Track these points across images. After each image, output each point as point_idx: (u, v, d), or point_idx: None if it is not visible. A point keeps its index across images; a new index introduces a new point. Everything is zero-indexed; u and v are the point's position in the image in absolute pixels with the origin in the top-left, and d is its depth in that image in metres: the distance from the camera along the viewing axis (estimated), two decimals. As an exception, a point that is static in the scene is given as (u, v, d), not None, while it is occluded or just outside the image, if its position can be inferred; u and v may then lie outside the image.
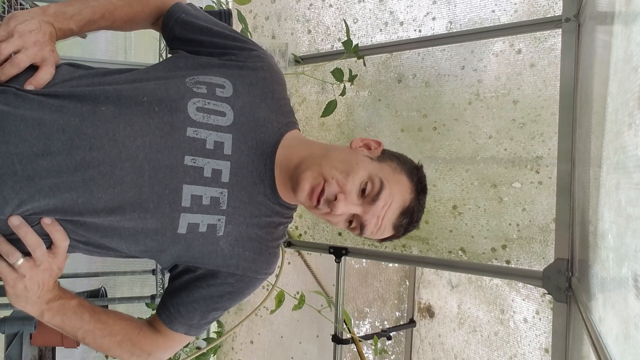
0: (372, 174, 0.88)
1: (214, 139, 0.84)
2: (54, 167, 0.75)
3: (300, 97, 2.16)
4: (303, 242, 2.14)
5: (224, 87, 0.89)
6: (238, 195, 0.87)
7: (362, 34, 1.94)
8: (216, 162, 0.84)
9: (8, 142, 0.74)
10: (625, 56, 0.82)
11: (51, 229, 0.79)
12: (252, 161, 0.89)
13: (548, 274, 1.32)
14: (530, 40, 1.52)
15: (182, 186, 0.82)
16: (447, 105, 1.69)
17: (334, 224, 0.91)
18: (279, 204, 0.93)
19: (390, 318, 2.31)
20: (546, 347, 1.58)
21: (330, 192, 0.85)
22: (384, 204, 0.87)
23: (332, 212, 0.85)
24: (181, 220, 0.82)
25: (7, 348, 1.78)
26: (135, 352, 0.91)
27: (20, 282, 0.79)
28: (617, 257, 0.83)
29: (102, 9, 0.90)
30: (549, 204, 1.47)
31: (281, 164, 0.91)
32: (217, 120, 0.86)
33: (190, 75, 0.87)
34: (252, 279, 0.92)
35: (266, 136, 0.91)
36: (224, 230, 0.86)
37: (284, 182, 0.91)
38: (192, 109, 0.84)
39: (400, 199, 0.89)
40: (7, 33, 0.79)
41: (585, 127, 1.19)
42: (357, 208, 0.87)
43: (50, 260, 0.81)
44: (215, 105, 0.86)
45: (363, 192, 0.87)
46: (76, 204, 0.77)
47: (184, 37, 0.96)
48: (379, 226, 0.89)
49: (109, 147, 0.77)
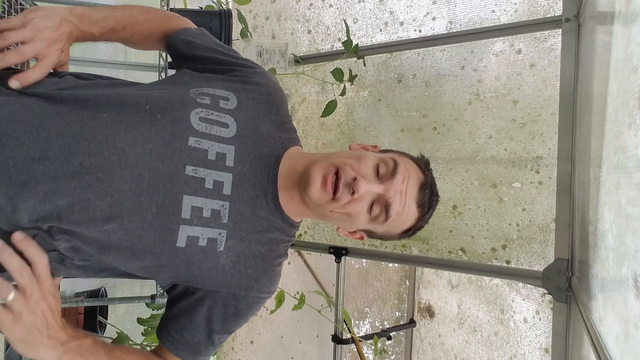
0: (382, 157, 0.88)
1: (216, 150, 0.83)
2: (50, 172, 0.73)
3: (300, 97, 2.16)
4: (303, 242, 2.13)
5: (228, 99, 0.88)
6: (240, 209, 0.84)
7: (362, 34, 1.94)
8: (218, 174, 0.82)
9: (5, 145, 0.72)
10: (625, 56, 0.82)
11: (24, 244, 0.72)
12: (255, 174, 0.87)
13: (548, 274, 1.32)
14: (530, 40, 1.52)
15: (183, 197, 0.79)
16: (447, 105, 1.69)
17: (355, 217, 0.86)
18: (281, 219, 0.90)
19: (390, 318, 2.31)
20: (546, 347, 1.58)
21: (347, 176, 0.83)
22: (402, 178, 0.85)
23: (354, 194, 0.81)
24: (180, 232, 0.79)
25: (7, 348, 1.77)
26: None
27: (19, 323, 0.70)
28: (617, 257, 0.83)
29: (125, 20, 0.91)
30: (549, 204, 1.47)
31: (285, 175, 0.89)
32: (219, 131, 0.84)
33: (195, 87, 0.87)
34: (254, 300, 0.88)
35: (268, 150, 0.89)
36: (224, 245, 0.83)
37: (290, 194, 0.89)
38: (194, 118, 0.82)
39: (415, 174, 0.88)
40: (21, 23, 0.78)
41: (585, 127, 1.19)
42: (378, 187, 0.84)
43: (37, 287, 0.72)
44: (218, 117, 0.85)
45: (378, 175, 0.86)
46: (72, 210, 0.74)
47: (190, 55, 0.96)
48: (404, 203, 0.86)
49: (108, 154, 0.75)
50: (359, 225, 0.90)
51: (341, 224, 0.92)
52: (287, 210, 0.90)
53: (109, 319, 2.35)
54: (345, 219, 0.88)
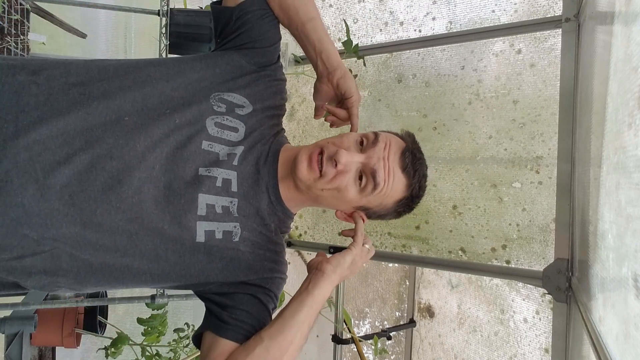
0: (363, 133, 0.93)
1: (226, 152, 0.88)
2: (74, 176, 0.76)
3: (300, 97, 2.16)
4: (303, 242, 2.13)
5: (244, 107, 0.93)
6: (246, 205, 0.89)
7: (362, 34, 1.94)
8: (226, 172, 0.87)
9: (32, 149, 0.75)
10: (625, 56, 0.82)
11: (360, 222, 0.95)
12: (258, 170, 0.91)
13: (548, 274, 1.32)
14: (530, 40, 1.52)
15: (198, 195, 0.83)
16: (447, 105, 1.69)
17: (344, 190, 0.89)
18: (282, 211, 0.95)
19: (390, 318, 2.31)
20: (546, 347, 1.58)
21: (330, 151, 0.87)
22: (384, 145, 0.89)
23: (337, 166, 0.86)
24: (198, 228, 0.83)
25: (7, 348, 1.78)
26: None
27: (362, 260, 0.92)
28: (617, 257, 0.83)
29: None
30: (549, 204, 1.47)
31: (281, 167, 0.94)
32: (230, 135, 0.90)
33: (217, 91, 0.91)
34: (277, 280, 0.94)
35: (268, 147, 0.95)
36: (240, 236, 0.88)
37: (287, 185, 0.93)
38: (210, 124, 0.87)
39: (396, 142, 0.92)
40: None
41: (585, 127, 1.19)
42: (360, 156, 0.88)
43: (369, 252, 0.95)
44: (230, 122, 0.90)
45: (361, 147, 0.90)
46: (94, 214, 0.77)
47: (244, 28, 0.97)
48: (388, 168, 0.88)
49: (128, 157, 0.79)
50: (351, 200, 0.92)
51: (335, 203, 0.94)
52: (287, 201, 0.94)
53: (109, 319, 2.35)
54: (336, 195, 0.90)
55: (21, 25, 1.75)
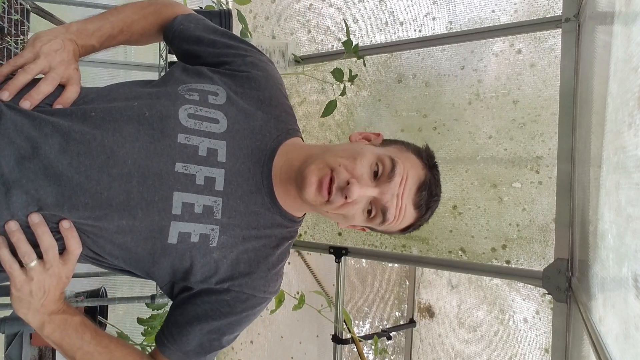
0: (380, 155, 0.84)
1: (206, 146, 0.82)
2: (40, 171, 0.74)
3: (300, 97, 2.16)
4: (303, 242, 2.13)
5: (217, 94, 0.87)
6: (233, 205, 0.83)
7: (362, 34, 1.94)
8: (209, 170, 0.81)
9: None
10: (625, 56, 0.82)
11: (68, 233, 0.76)
12: (249, 169, 0.85)
13: (548, 274, 1.32)
14: (530, 40, 1.52)
15: (173, 193, 0.79)
16: (447, 105, 1.69)
17: (351, 218, 0.85)
18: (280, 214, 0.89)
19: (390, 318, 2.31)
20: (546, 347, 1.58)
21: (341, 179, 0.80)
22: (400, 180, 0.82)
23: (347, 199, 0.79)
24: (171, 229, 0.79)
25: (7, 348, 1.77)
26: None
27: (27, 286, 0.76)
28: (617, 257, 0.83)
29: (121, 23, 0.91)
30: (549, 204, 1.47)
31: (281, 169, 0.87)
32: (209, 127, 0.83)
33: (184, 83, 0.87)
34: (249, 298, 0.86)
35: (262, 144, 0.88)
36: (217, 241, 0.82)
37: (286, 190, 0.87)
38: (183, 115, 0.82)
39: (414, 174, 0.85)
40: (34, 55, 0.80)
41: (585, 127, 1.19)
42: (373, 190, 0.81)
43: (60, 267, 0.77)
44: (207, 112, 0.84)
45: (375, 175, 0.83)
46: (62, 210, 0.75)
47: (182, 49, 0.96)
48: (400, 206, 0.83)
49: (96, 153, 0.76)
50: (356, 224, 0.90)
51: (339, 222, 0.91)
52: (285, 205, 0.89)
53: (109, 319, 2.34)
54: (342, 219, 0.87)
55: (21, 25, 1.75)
